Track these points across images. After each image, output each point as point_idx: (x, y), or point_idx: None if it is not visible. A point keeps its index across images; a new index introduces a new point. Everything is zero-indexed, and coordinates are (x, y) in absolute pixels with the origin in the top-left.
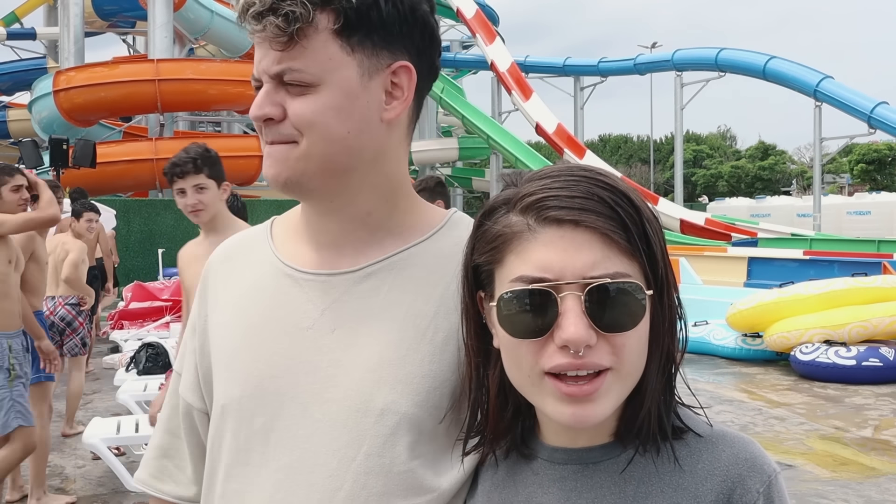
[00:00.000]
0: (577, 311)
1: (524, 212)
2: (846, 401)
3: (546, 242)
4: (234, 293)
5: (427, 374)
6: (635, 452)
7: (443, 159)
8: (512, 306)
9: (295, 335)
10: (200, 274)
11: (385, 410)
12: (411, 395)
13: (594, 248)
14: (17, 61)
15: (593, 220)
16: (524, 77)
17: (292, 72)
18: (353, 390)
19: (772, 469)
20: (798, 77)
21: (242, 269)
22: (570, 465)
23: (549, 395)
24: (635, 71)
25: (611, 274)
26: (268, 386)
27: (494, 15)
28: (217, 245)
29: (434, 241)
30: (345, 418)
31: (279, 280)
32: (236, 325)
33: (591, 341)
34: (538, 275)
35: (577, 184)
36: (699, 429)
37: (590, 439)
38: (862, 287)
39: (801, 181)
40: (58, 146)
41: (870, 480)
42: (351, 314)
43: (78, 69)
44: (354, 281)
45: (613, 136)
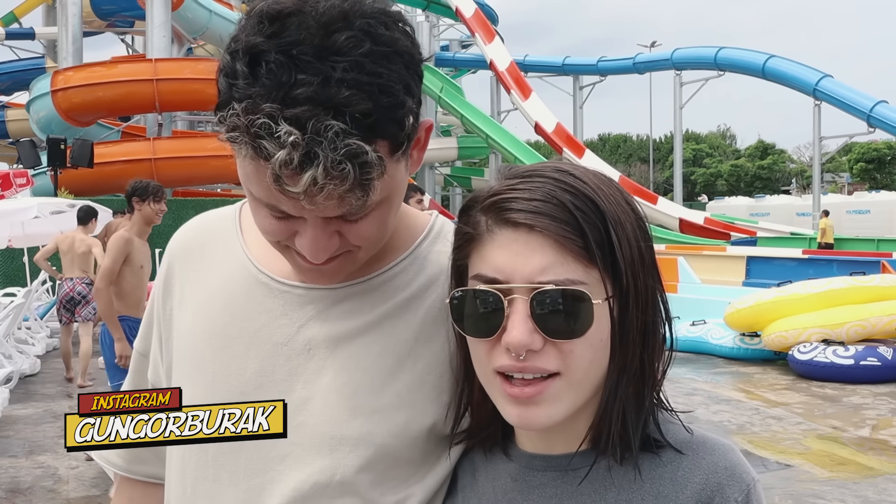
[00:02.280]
0: (523, 316)
1: (485, 211)
2: (844, 400)
3: (501, 244)
4: (201, 294)
5: (405, 405)
6: (617, 461)
7: (442, 159)
8: (462, 305)
9: (268, 350)
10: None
11: (360, 441)
12: (388, 426)
13: (546, 252)
14: (16, 61)
15: (547, 224)
16: (523, 76)
17: (357, 211)
18: (326, 416)
19: (750, 477)
20: (797, 76)
21: (210, 266)
22: (549, 471)
23: (499, 395)
24: (634, 70)
25: (560, 280)
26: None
27: (493, 14)
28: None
29: (415, 256)
30: (319, 444)
31: (252, 287)
32: (203, 333)
33: (535, 346)
34: (492, 275)
35: (541, 186)
36: (679, 435)
37: (567, 446)
38: (860, 286)
39: (800, 180)
40: (55, 146)
41: (867, 480)
42: (328, 335)
43: (76, 69)
44: (334, 300)
45: (613, 136)
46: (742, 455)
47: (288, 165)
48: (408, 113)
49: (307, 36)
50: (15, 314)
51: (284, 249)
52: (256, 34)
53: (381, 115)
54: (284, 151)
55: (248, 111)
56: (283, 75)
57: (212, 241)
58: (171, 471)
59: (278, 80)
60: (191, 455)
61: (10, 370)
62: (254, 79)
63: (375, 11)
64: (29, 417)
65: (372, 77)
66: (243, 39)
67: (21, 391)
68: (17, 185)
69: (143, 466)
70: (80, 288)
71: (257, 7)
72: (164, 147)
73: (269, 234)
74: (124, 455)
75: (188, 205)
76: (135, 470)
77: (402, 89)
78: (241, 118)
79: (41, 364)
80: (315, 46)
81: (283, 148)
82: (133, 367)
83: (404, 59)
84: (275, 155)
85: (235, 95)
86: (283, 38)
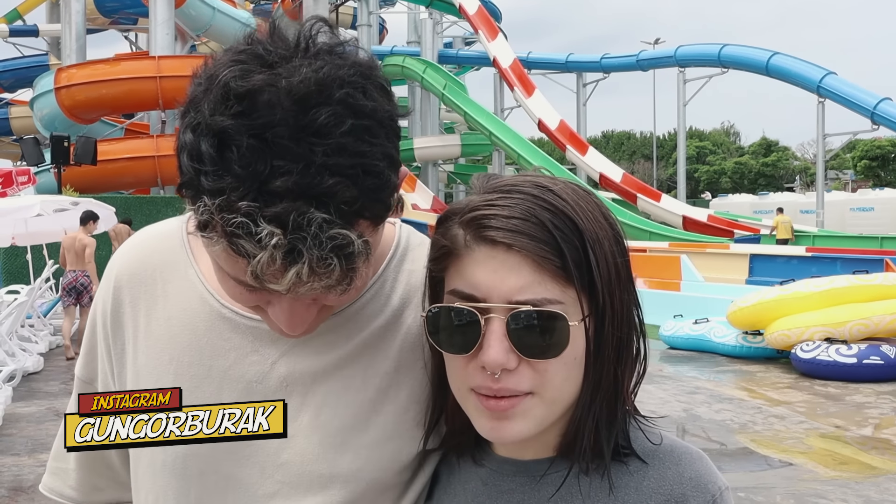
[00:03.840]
0: (499, 335)
1: (465, 226)
2: (847, 399)
3: (479, 261)
4: (160, 332)
5: (392, 436)
6: (585, 469)
7: (445, 156)
8: (438, 321)
9: (241, 389)
10: None
11: (351, 477)
12: (377, 460)
13: (523, 272)
14: (20, 58)
15: (525, 243)
16: (526, 73)
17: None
18: (312, 455)
19: (716, 487)
20: (801, 73)
21: (164, 299)
22: (518, 476)
23: (473, 408)
24: (638, 67)
25: (537, 300)
26: (219, 445)
27: (497, 11)
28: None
29: (385, 279)
30: (308, 483)
31: (215, 322)
32: (168, 374)
33: (510, 365)
34: (468, 292)
35: (520, 203)
36: (648, 444)
37: (536, 452)
38: (863, 285)
39: (804, 177)
40: (59, 143)
41: (869, 480)
42: (304, 371)
43: (80, 66)
44: (306, 335)
45: (616, 133)
46: (711, 464)
47: (270, 266)
48: (393, 189)
49: (282, 116)
50: (18, 312)
51: (256, 309)
52: (223, 113)
53: (367, 200)
54: (266, 253)
55: (223, 209)
56: (257, 163)
57: (162, 270)
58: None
59: (253, 170)
60: (169, 497)
61: (13, 368)
62: (224, 166)
63: (353, 77)
64: (32, 415)
65: (355, 158)
66: (207, 116)
67: (24, 389)
68: (18, 183)
69: (99, 495)
70: (82, 280)
71: (220, 79)
72: (167, 144)
73: (240, 302)
74: (77, 486)
75: None
76: (92, 500)
77: (386, 165)
78: (214, 216)
79: (44, 362)
80: (291, 127)
81: (264, 249)
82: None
83: (385, 128)
84: (255, 256)
85: (205, 186)
86: (255, 118)
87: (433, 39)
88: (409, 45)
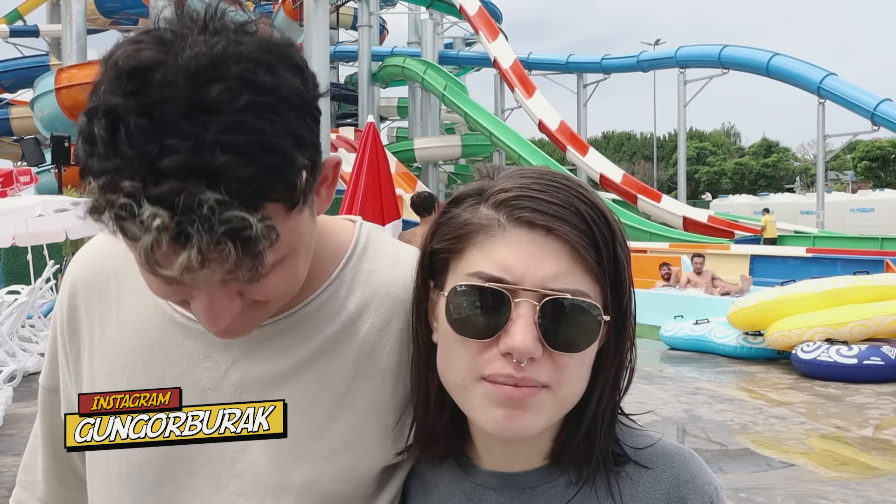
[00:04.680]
0: (529, 321)
1: (497, 207)
2: (847, 400)
3: (512, 243)
4: (114, 338)
5: (349, 447)
6: (578, 478)
7: (445, 156)
8: (462, 301)
9: (195, 396)
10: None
11: (305, 489)
12: (333, 471)
13: (560, 259)
14: (20, 58)
15: (567, 230)
16: (527, 74)
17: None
18: (267, 464)
19: (712, 487)
20: (801, 74)
21: (118, 305)
22: (505, 490)
23: (481, 399)
24: (638, 68)
25: (571, 290)
26: (174, 454)
27: (497, 12)
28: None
29: (342, 280)
30: (262, 494)
31: (167, 328)
32: (122, 382)
33: (537, 354)
34: (497, 274)
35: (558, 191)
36: (639, 447)
37: (525, 463)
38: (864, 285)
39: (804, 178)
40: (59, 144)
41: (870, 480)
42: (258, 377)
43: (80, 66)
44: (259, 339)
45: (617, 133)
46: (703, 463)
47: (156, 251)
48: (299, 169)
49: (173, 92)
50: (19, 312)
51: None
52: (114, 92)
53: (267, 179)
54: (150, 237)
55: (106, 189)
56: (146, 142)
57: (116, 275)
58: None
59: (141, 149)
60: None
61: (13, 368)
62: (113, 147)
63: (253, 53)
64: (33, 416)
65: (253, 136)
66: (101, 98)
67: (25, 389)
68: (19, 183)
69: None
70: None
71: (113, 58)
72: None
73: (161, 296)
74: (46, 498)
75: None
76: None
77: (290, 143)
78: (100, 199)
79: None
80: (182, 104)
81: (148, 232)
82: (42, 404)
83: (293, 106)
84: (140, 239)
85: (94, 168)
86: (145, 96)
87: (434, 40)
88: (409, 46)
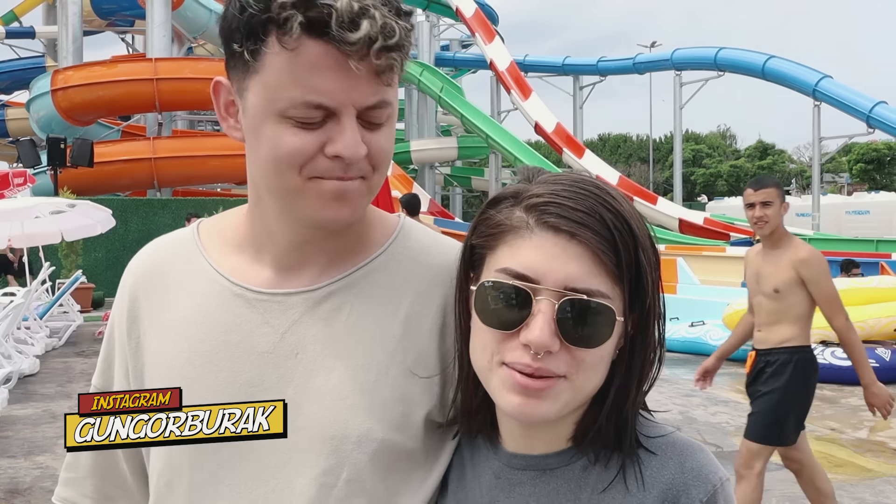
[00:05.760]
0: (548, 317)
1: (528, 210)
2: (842, 402)
3: (539, 245)
4: (173, 317)
5: (400, 399)
6: (595, 461)
7: (442, 158)
8: (490, 294)
9: (254, 360)
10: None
11: (362, 438)
12: (386, 421)
13: (582, 262)
14: (16, 60)
15: (589, 236)
16: (523, 76)
17: (385, 106)
18: (325, 418)
19: (717, 478)
20: (797, 76)
21: (177, 288)
22: (528, 470)
23: (502, 383)
24: (634, 70)
25: (591, 290)
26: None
27: (494, 14)
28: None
29: (391, 253)
30: (320, 446)
31: (227, 300)
32: (183, 353)
33: (553, 348)
34: (522, 272)
35: (585, 199)
36: (652, 436)
37: (546, 446)
38: (859, 288)
39: (800, 181)
40: (55, 145)
41: (864, 482)
42: (313, 337)
43: (76, 68)
44: (314, 301)
45: (612, 136)
46: (713, 456)
47: (349, 13)
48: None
49: None
50: (14, 314)
51: (305, 185)
52: None
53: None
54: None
55: None
56: None
57: (172, 263)
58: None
59: None
60: (182, 477)
61: (9, 370)
62: None
63: None
64: (28, 418)
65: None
66: None
67: (20, 391)
68: (15, 185)
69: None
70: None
71: None
72: (163, 146)
73: (296, 153)
74: (93, 494)
75: (188, 204)
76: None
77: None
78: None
79: (40, 364)
80: None
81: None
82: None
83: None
84: (332, 3)
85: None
86: None
87: (430, 42)
88: None
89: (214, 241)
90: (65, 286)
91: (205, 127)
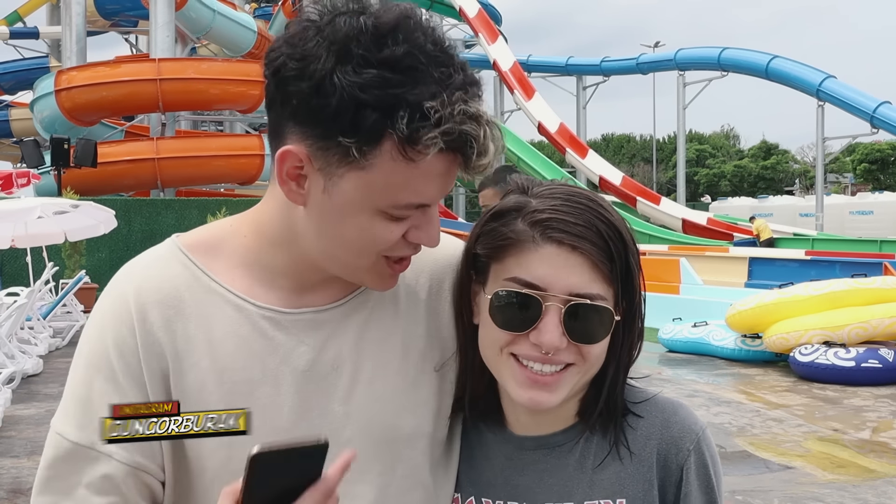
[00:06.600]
0: (556, 321)
1: (532, 225)
2: (845, 402)
3: (544, 256)
4: (201, 347)
5: (437, 392)
6: (592, 432)
7: None
8: (504, 301)
9: (296, 380)
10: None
11: (413, 434)
12: (431, 415)
13: (583, 271)
14: (20, 60)
15: (588, 248)
16: (526, 76)
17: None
18: (374, 423)
19: (698, 427)
20: (800, 76)
21: (199, 317)
22: (538, 450)
23: (510, 374)
24: (638, 70)
25: (591, 295)
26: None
27: (497, 14)
28: None
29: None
30: (373, 450)
31: (258, 324)
32: (223, 384)
33: (562, 346)
34: (532, 281)
35: (582, 213)
36: (637, 401)
37: (552, 425)
38: (862, 288)
39: (803, 181)
40: (59, 145)
41: (867, 483)
42: (349, 349)
43: (80, 68)
44: (343, 314)
45: (616, 136)
46: (690, 409)
47: (483, 141)
48: None
49: (421, 37)
50: (18, 314)
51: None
52: (376, 46)
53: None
54: (482, 129)
55: (447, 103)
56: (434, 70)
57: (186, 289)
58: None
59: (439, 73)
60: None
61: (12, 370)
62: (416, 76)
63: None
64: (31, 418)
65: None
66: (374, 52)
67: (24, 391)
68: (18, 185)
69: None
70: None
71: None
72: (167, 147)
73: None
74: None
75: (191, 204)
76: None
77: None
78: (445, 108)
79: (44, 364)
80: (431, 45)
81: (480, 125)
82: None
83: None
84: (477, 132)
85: (412, 96)
86: (405, 43)
87: None
88: None
89: (217, 263)
90: (68, 286)
91: (208, 127)
